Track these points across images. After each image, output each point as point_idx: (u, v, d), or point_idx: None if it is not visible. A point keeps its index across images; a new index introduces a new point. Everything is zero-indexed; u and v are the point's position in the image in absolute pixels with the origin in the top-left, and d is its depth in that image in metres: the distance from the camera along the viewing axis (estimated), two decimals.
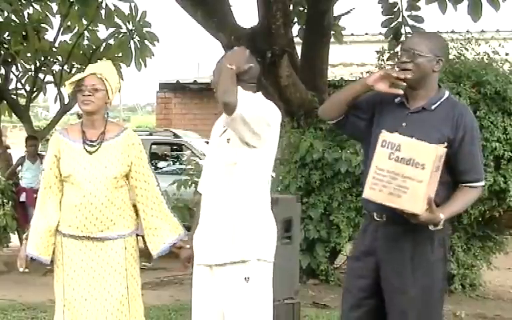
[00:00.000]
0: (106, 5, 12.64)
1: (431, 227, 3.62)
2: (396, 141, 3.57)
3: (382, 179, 3.56)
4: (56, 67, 14.32)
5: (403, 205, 3.53)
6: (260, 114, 3.86)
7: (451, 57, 8.38)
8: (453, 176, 3.72)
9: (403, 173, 3.51)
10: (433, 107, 3.77)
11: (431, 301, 3.78)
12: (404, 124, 3.73)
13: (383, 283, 3.83)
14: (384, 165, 3.57)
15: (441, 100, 3.80)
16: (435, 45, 3.82)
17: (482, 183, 3.81)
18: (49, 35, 13.92)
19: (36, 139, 12.53)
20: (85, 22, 13.20)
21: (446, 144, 3.60)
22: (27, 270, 4.37)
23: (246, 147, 3.88)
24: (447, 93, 3.86)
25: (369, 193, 3.63)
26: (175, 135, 14.26)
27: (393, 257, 3.78)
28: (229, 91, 3.76)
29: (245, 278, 3.87)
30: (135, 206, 4.38)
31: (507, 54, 8.46)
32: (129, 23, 13.07)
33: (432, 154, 3.49)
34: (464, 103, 3.94)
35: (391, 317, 3.82)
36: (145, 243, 4.42)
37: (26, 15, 13.50)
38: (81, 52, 13.88)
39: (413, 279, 3.74)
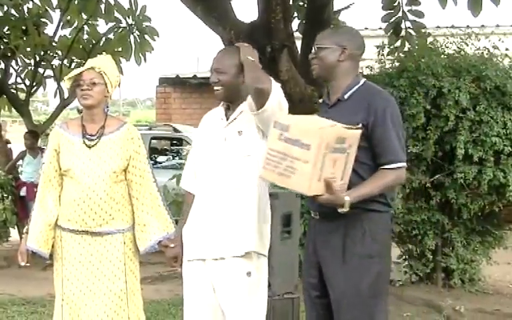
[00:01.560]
0: None
1: (340, 210, 3.56)
2: (285, 122, 3.54)
3: (273, 159, 3.52)
4: (56, 62, 14.34)
5: (292, 186, 3.51)
6: (283, 105, 3.89)
7: (450, 51, 8.39)
8: (373, 159, 3.71)
9: (291, 153, 3.47)
10: (346, 96, 3.81)
11: (364, 299, 3.73)
12: (326, 118, 3.70)
13: (325, 280, 3.84)
14: (275, 145, 3.53)
15: (355, 88, 3.83)
16: (338, 36, 3.88)
17: (399, 164, 3.72)
18: (49, 30, 13.94)
19: (34, 133, 12.50)
20: (84, 16, 13.20)
21: (360, 126, 3.60)
22: (28, 264, 4.36)
23: (259, 138, 3.91)
24: (362, 81, 3.89)
25: (263, 173, 3.61)
26: (175, 130, 14.26)
27: (327, 253, 3.80)
28: (261, 77, 3.79)
29: (247, 273, 3.89)
30: None
31: (507, 49, 8.44)
32: (128, 17, 13.07)
33: (316, 134, 3.44)
34: (379, 88, 3.94)
35: (333, 312, 3.83)
36: None
37: (26, 10, 13.49)
38: (81, 46, 13.89)
39: (343, 275, 3.73)
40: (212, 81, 3.99)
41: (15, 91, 14.19)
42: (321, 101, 4.02)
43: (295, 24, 11.15)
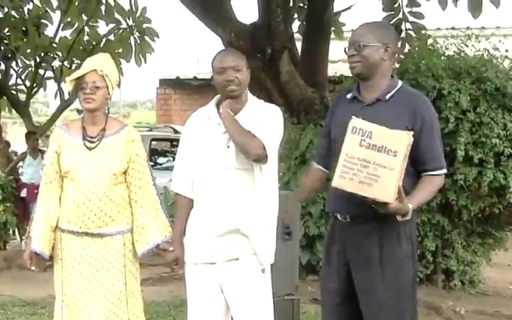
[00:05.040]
0: (106, 0, 12.66)
1: (399, 218, 3.50)
2: (367, 128, 3.46)
3: (352, 166, 3.43)
4: (56, 63, 14.39)
5: (374, 194, 3.40)
6: (280, 133, 3.95)
7: (450, 53, 8.39)
8: (415, 166, 3.64)
9: (375, 160, 3.39)
10: (388, 97, 3.70)
11: (402, 301, 3.68)
12: (361, 117, 3.60)
13: (355, 285, 3.75)
14: (355, 152, 3.44)
15: (395, 89, 3.73)
16: (381, 33, 3.75)
17: (443, 171, 3.71)
18: (49, 31, 13.99)
19: (35, 134, 12.54)
20: (85, 17, 13.24)
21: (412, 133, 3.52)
22: (37, 269, 4.36)
23: None
24: (400, 83, 3.79)
25: (339, 181, 3.47)
26: (175, 131, 14.27)
27: (361, 257, 3.71)
28: (249, 145, 3.81)
29: (262, 269, 3.95)
30: None
31: (507, 50, 8.44)
32: (129, 18, 13.11)
33: (404, 140, 3.39)
34: (421, 93, 3.89)
35: (365, 317, 3.74)
36: None
37: (26, 11, 13.54)
38: (81, 47, 13.93)
39: (381, 278, 3.65)
40: (229, 78, 3.94)
41: (15, 92, 14.21)
42: (348, 96, 3.87)
43: (296, 25, 11.16)
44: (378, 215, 3.51)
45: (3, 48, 13.69)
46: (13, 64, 14.21)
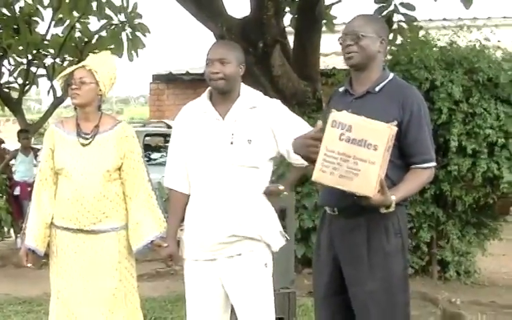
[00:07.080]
0: None
1: (382, 210, 3.48)
2: (347, 121, 3.39)
3: (332, 161, 3.37)
4: (48, 60, 14.38)
5: (355, 188, 3.35)
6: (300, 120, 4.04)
7: (442, 44, 8.41)
8: (403, 158, 3.62)
9: (355, 154, 3.33)
10: (377, 89, 3.68)
11: (391, 294, 3.65)
12: (350, 110, 3.55)
13: (345, 278, 3.74)
14: (334, 146, 3.38)
15: (385, 81, 3.70)
16: (377, 25, 3.75)
17: (432, 164, 3.66)
18: (41, 28, 13.96)
19: (28, 131, 12.53)
20: (76, 14, 13.21)
21: (395, 123, 3.46)
22: (33, 266, 4.37)
23: (266, 147, 3.93)
24: (391, 75, 3.77)
25: (319, 175, 3.42)
26: (168, 126, 14.26)
27: (349, 250, 3.69)
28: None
29: (265, 264, 3.96)
30: None
31: (498, 41, 8.47)
32: (120, 14, 13.08)
33: (385, 134, 3.33)
34: (411, 85, 3.86)
35: (355, 311, 3.73)
36: None
37: (17, 8, 13.49)
38: (73, 44, 13.90)
39: (369, 272, 3.63)
40: (213, 71, 3.90)
41: (7, 90, 14.19)
42: (341, 89, 3.87)
43: (287, 19, 11.16)
44: (366, 208, 3.48)
45: None
46: (5, 62, 14.20)
